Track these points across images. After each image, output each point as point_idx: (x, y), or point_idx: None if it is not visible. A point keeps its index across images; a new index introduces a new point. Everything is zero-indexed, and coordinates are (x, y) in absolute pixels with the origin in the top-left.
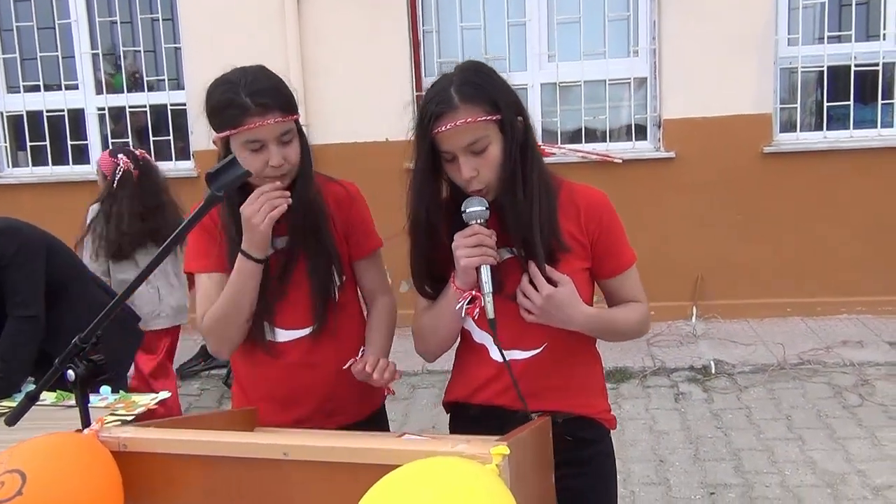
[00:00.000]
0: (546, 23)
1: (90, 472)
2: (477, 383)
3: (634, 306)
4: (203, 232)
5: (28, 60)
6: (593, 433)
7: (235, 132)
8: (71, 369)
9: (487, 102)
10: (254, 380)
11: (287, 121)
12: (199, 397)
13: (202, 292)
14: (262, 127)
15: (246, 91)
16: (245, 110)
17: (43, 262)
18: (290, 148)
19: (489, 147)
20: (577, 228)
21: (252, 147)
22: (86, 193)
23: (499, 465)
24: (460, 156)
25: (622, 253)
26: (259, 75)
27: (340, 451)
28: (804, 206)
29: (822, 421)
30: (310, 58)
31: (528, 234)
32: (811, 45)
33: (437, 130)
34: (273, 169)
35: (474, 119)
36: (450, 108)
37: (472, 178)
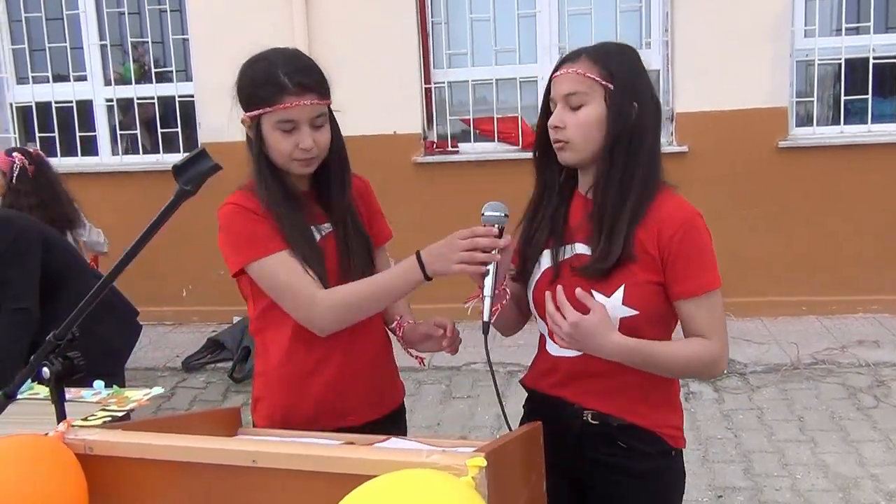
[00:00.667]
0: (556, 14)
1: (54, 477)
2: (537, 372)
3: (695, 342)
4: (258, 217)
5: (37, 51)
6: (652, 447)
7: (270, 111)
8: (46, 367)
9: (605, 68)
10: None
11: (322, 104)
12: (204, 390)
13: (292, 268)
14: (298, 107)
15: (284, 70)
16: (282, 89)
17: (38, 254)
18: (321, 132)
19: (584, 107)
20: (650, 240)
21: (284, 127)
22: (95, 185)
23: (475, 477)
24: (558, 103)
25: (696, 276)
26: (298, 55)
27: (310, 459)
28: (820, 201)
29: (835, 423)
30: (317, 49)
31: (607, 231)
32: (828, 37)
33: (554, 74)
34: (302, 152)
35: (584, 72)
36: (573, 57)
37: (556, 129)
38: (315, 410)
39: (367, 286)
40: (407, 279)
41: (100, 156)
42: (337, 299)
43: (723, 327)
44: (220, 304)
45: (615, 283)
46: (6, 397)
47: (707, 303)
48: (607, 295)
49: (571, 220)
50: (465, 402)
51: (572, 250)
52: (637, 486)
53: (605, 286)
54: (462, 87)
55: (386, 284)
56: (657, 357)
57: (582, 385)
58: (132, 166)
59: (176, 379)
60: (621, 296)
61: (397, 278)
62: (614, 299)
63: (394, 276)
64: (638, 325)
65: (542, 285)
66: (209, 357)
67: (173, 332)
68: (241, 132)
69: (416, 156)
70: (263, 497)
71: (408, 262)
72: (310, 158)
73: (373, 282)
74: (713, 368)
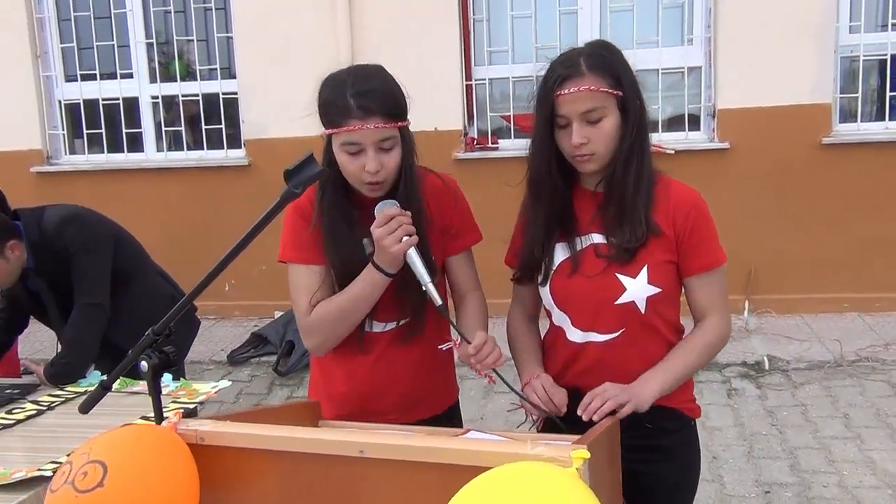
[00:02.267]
0: (598, 11)
1: (169, 465)
2: (559, 365)
3: (705, 333)
4: (305, 221)
5: (85, 50)
6: (674, 423)
7: (336, 132)
8: (144, 360)
9: (612, 76)
10: (338, 370)
11: (388, 128)
12: (249, 384)
13: (304, 285)
14: (361, 131)
15: (351, 91)
16: (347, 111)
17: (111, 251)
18: (389, 155)
19: (604, 119)
20: (665, 221)
21: (350, 150)
22: (140, 181)
23: (579, 468)
24: (575, 121)
25: (705, 253)
26: (371, 77)
27: (418, 450)
28: (863, 198)
29: (881, 420)
30: (360, 46)
31: (627, 219)
32: (873, 33)
33: (560, 93)
34: (368, 175)
35: (597, 87)
36: (576, 73)
37: (581, 145)
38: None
39: (339, 299)
40: (371, 281)
41: (145, 152)
42: (314, 319)
43: (726, 301)
44: (262, 299)
45: (639, 265)
46: (103, 388)
47: (715, 277)
48: (633, 276)
49: (580, 214)
50: (507, 397)
51: (589, 240)
52: (664, 461)
53: (629, 269)
54: (502, 84)
55: (353, 293)
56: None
57: (605, 374)
58: (176, 163)
59: (222, 372)
60: (646, 276)
61: (360, 284)
62: (640, 280)
63: (358, 284)
64: (660, 301)
65: (561, 277)
66: (253, 351)
67: (216, 326)
68: (281, 129)
69: (456, 152)
70: (367, 487)
71: (367, 268)
72: (377, 182)
73: (344, 294)
74: (726, 340)
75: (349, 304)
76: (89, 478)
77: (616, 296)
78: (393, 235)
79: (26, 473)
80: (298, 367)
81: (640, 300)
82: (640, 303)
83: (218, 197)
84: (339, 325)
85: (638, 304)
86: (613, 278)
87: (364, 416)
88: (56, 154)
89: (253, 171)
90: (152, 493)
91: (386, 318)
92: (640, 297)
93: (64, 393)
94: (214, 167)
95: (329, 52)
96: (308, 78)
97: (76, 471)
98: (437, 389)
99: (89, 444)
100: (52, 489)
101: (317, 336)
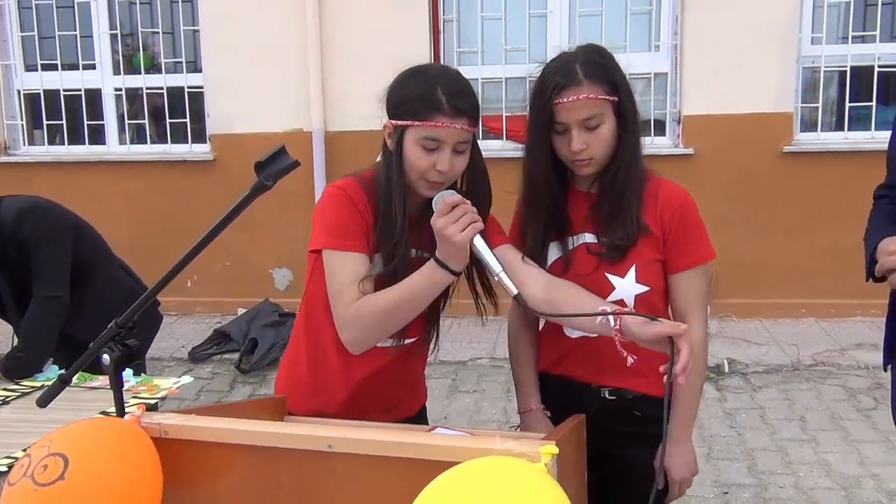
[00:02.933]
0: (567, 15)
1: (132, 458)
2: (556, 355)
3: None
4: (355, 208)
5: (46, 39)
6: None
7: (419, 125)
8: (106, 353)
9: (608, 83)
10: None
11: (471, 131)
12: (210, 381)
13: (353, 274)
14: (448, 129)
15: (444, 89)
16: (438, 107)
17: (70, 243)
18: (460, 158)
19: (602, 125)
20: (653, 220)
21: (428, 145)
22: (102, 174)
23: (547, 463)
24: (574, 129)
25: (690, 252)
26: (459, 78)
27: (387, 444)
28: (822, 206)
29: (836, 423)
30: (329, 43)
31: (619, 219)
32: (835, 45)
33: (559, 101)
34: (437, 174)
35: (596, 96)
36: (574, 82)
37: (580, 151)
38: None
39: (392, 293)
40: (432, 279)
41: (107, 145)
42: (361, 311)
43: (704, 303)
44: (225, 296)
45: (627, 264)
46: (62, 382)
47: (697, 275)
48: (621, 276)
49: (573, 215)
50: (471, 397)
51: (581, 239)
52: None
53: (618, 268)
54: (472, 85)
55: (411, 289)
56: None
57: (596, 364)
58: (140, 156)
59: (182, 369)
60: (634, 275)
61: (418, 282)
62: (628, 279)
63: (417, 280)
64: (650, 298)
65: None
66: (215, 348)
67: (178, 322)
68: (248, 124)
69: None
70: (336, 482)
71: (427, 265)
72: (441, 182)
73: (397, 289)
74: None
75: (403, 301)
76: (49, 471)
77: (605, 295)
78: (457, 224)
79: None
80: (261, 365)
81: (629, 298)
82: (629, 300)
83: (182, 191)
84: (388, 320)
85: (627, 301)
86: (603, 277)
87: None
88: (14, 145)
89: (218, 166)
90: (114, 486)
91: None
92: (628, 295)
93: (20, 387)
94: (178, 161)
95: (297, 47)
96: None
97: (35, 464)
98: (412, 391)
99: (49, 437)
100: (9, 482)
101: (357, 329)
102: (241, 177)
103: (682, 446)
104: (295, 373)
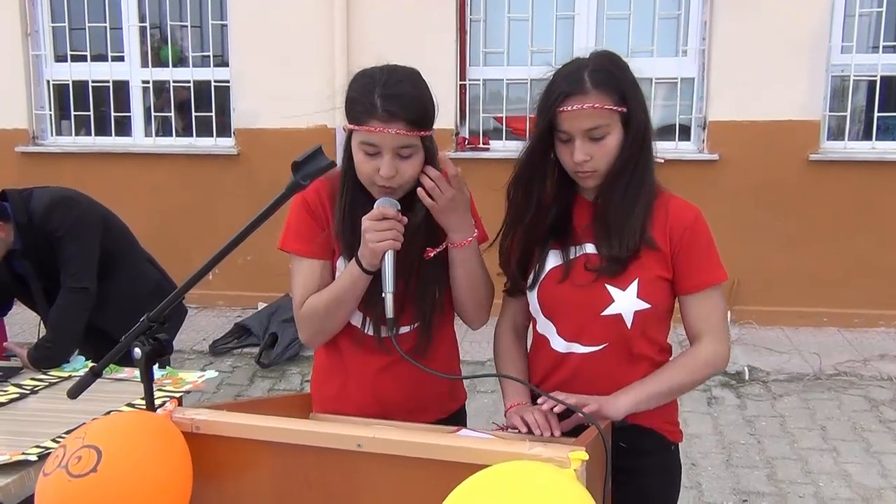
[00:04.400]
0: (595, 18)
1: (164, 453)
2: (542, 373)
3: (692, 353)
4: (309, 215)
5: (76, 30)
6: (650, 444)
7: (357, 129)
8: (138, 347)
9: (617, 93)
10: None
11: (409, 135)
12: (231, 374)
13: (302, 278)
14: (381, 133)
15: (380, 92)
16: (371, 111)
17: (98, 235)
18: (406, 162)
19: (608, 136)
20: (662, 237)
21: (367, 150)
22: (127, 165)
23: (576, 469)
24: (578, 138)
25: (702, 272)
26: (402, 81)
27: (416, 445)
28: (847, 215)
29: (857, 434)
30: (356, 41)
31: (618, 231)
32: (865, 54)
33: (563, 109)
34: (382, 179)
35: (602, 105)
36: (580, 90)
37: (583, 162)
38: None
39: (325, 293)
40: (350, 276)
41: (133, 137)
42: (305, 311)
43: (725, 323)
44: (247, 290)
45: (630, 278)
46: (93, 375)
47: (713, 296)
48: (622, 289)
49: (577, 224)
50: (490, 397)
51: (582, 250)
52: (634, 483)
53: (620, 281)
54: (496, 85)
55: (337, 288)
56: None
57: (585, 387)
58: (165, 148)
59: (203, 362)
60: (636, 289)
61: (343, 278)
62: (629, 293)
63: (340, 279)
64: (649, 318)
65: (550, 283)
66: (236, 342)
67: (199, 314)
68: (272, 119)
69: (447, 151)
70: (364, 481)
71: (352, 261)
72: (390, 188)
73: (330, 288)
74: (720, 369)
75: (333, 299)
76: (83, 462)
77: (603, 307)
78: (379, 233)
79: (10, 457)
80: (281, 360)
81: (628, 314)
82: (628, 316)
83: (206, 185)
84: (326, 319)
85: (625, 317)
86: (602, 289)
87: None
88: (42, 135)
89: (242, 160)
90: (146, 480)
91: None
92: (627, 310)
93: (48, 377)
94: (203, 155)
95: (324, 45)
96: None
97: (70, 455)
98: (444, 394)
99: (84, 429)
100: (45, 472)
101: (308, 328)
102: (264, 171)
103: (618, 395)
104: (317, 374)
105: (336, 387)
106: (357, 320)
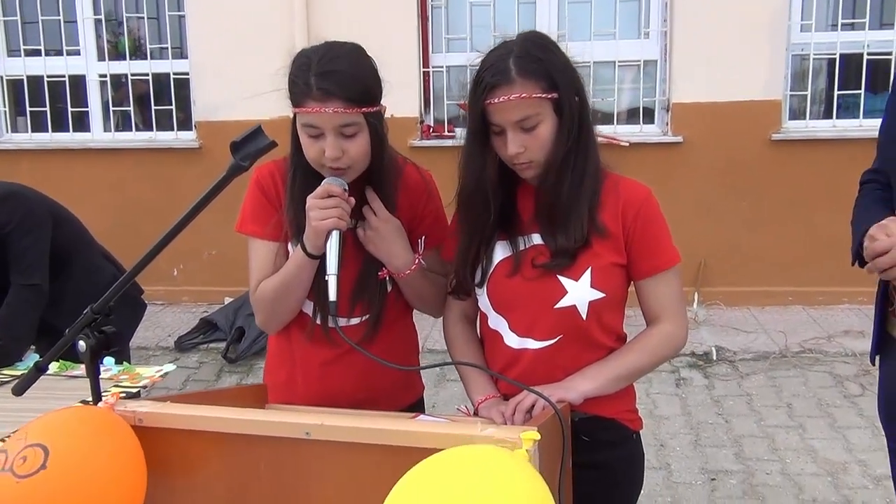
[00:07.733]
0: (556, 1)
1: (113, 446)
2: (496, 370)
3: (654, 335)
4: (263, 196)
5: (29, 24)
6: (613, 434)
7: (297, 111)
8: (82, 340)
9: (545, 79)
10: (293, 360)
11: (349, 113)
12: (197, 370)
13: (257, 260)
14: (319, 114)
15: (315, 71)
16: (307, 91)
17: (48, 230)
18: (351, 142)
19: (540, 125)
20: (613, 221)
21: (309, 132)
22: (86, 161)
23: (528, 450)
24: (509, 131)
25: (658, 254)
26: (338, 57)
27: (366, 431)
28: (810, 194)
29: (822, 410)
30: (316, 28)
31: (563, 221)
32: (824, 32)
33: (490, 102)
34: (329, 160)
35: (529, 95)
36: (505, 81)
37: (517, 154)
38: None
39: (274, 278)
40: (295, 262)
41: (91, 132)
42: (258, 296)
43: (682, 304)
44: (211, 285)
45: (581, 267)
46: (37, 370)
47: (668, 278)
48: (575, 279)
49: (522, 213)
50: (459, 385)
51: (530, 241)
52: (598, 475)
53: (572, 271)
54: (460, 72)
55: (284, 273)
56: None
57: (541, 379)
58: (125, 143)
59: (168, 358)
60: (589, 279)
61: (289, 264)
62: (583, 283)
63: (287, 265)
64: (603, 307)
65: (500, 277)
66: (202, 337)
67: (164, 311)
68: (234, 111)
69: (412, 139)
70: (315, 469)
71: (296, 248)
72: (339, 169)
73: (277, 275)
74: (678, 349)
75: (280, 285)
76: (29, 462)
77: (556, 299)
78: (323, 211)
79: None
80: (248, 354)
81: (582, 304)
82: (582, 307)
83: (168, 180)
84: (276, 305)
85: (579, 308)
86: (555, 280)
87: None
88: None
89: (204, 153)
90: (97, 473)
91: (346, 313)
92: (581, 301)
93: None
94: (164, 149)
95: (285, 34)
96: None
97: (14, 457)
98: (397, 385)
99: (24, 429)
100: None
101: (261, 313)
102: (227, 165)
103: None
104: (269, 362)
105: (284, 375)
106: (309, 309)
